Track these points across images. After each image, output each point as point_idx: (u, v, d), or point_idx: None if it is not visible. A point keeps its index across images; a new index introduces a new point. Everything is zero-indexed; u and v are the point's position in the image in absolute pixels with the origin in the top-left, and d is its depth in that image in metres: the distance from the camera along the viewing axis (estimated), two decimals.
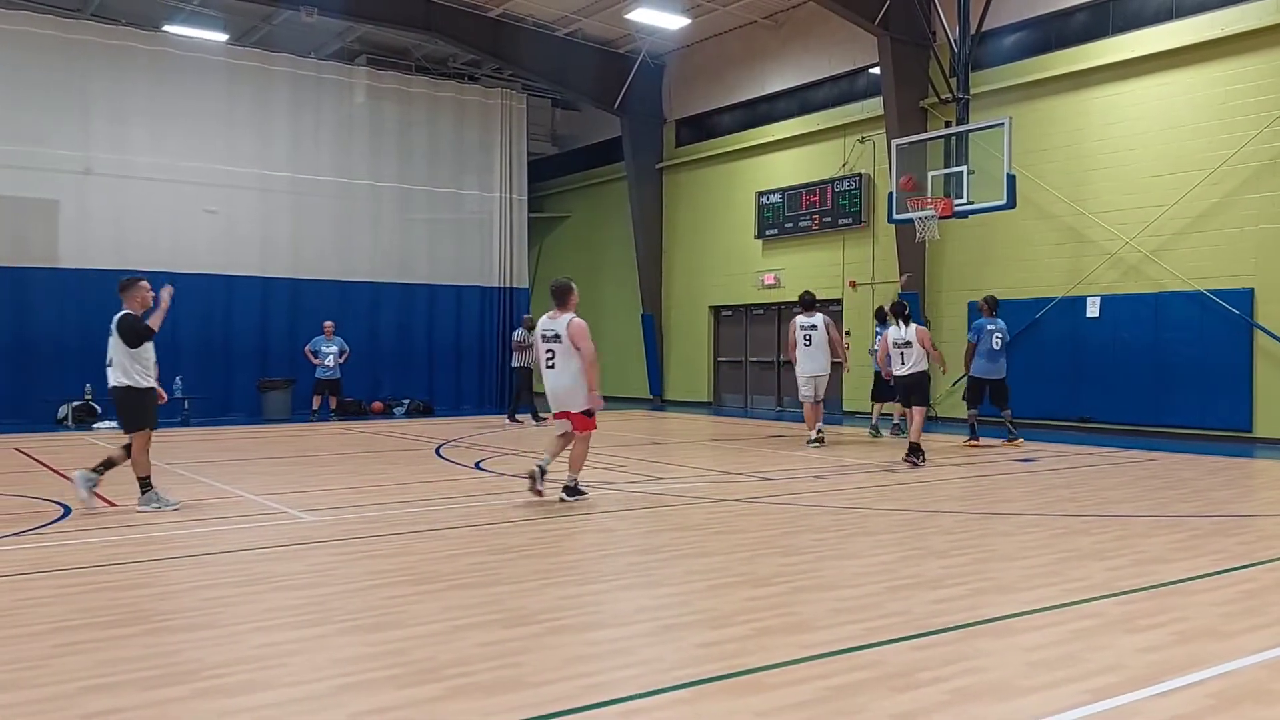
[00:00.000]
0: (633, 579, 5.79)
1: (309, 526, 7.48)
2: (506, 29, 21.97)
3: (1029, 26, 17.32)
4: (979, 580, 5.65)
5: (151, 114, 19.10)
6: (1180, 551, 6.48)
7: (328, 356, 18.85)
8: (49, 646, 4.35)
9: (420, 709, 3.62)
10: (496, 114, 23.35)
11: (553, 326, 8.59)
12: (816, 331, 13.75)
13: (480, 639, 4.46)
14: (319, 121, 21.09)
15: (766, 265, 22.08)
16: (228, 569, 6.02)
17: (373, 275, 21.58)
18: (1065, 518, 7.84)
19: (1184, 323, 15.02)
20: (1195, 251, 14.99)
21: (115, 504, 8.38)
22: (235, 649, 4.34)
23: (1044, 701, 3.69)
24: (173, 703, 3.68)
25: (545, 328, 8.65)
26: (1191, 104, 15.06)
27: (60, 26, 18.51)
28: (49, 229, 18.18)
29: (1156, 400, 15.36)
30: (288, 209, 20.62)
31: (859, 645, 4.36)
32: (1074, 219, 16.44)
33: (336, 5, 19.84)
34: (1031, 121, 16.72)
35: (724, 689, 3.84)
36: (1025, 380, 16.85)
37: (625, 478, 10.33)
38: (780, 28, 21.43)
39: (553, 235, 28.83)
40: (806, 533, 7.19)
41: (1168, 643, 4.44)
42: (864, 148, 19.83)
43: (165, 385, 18.48)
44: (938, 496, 9.20)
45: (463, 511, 8.10)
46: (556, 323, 8.58)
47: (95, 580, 5.66)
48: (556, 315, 8.64)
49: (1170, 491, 9.32)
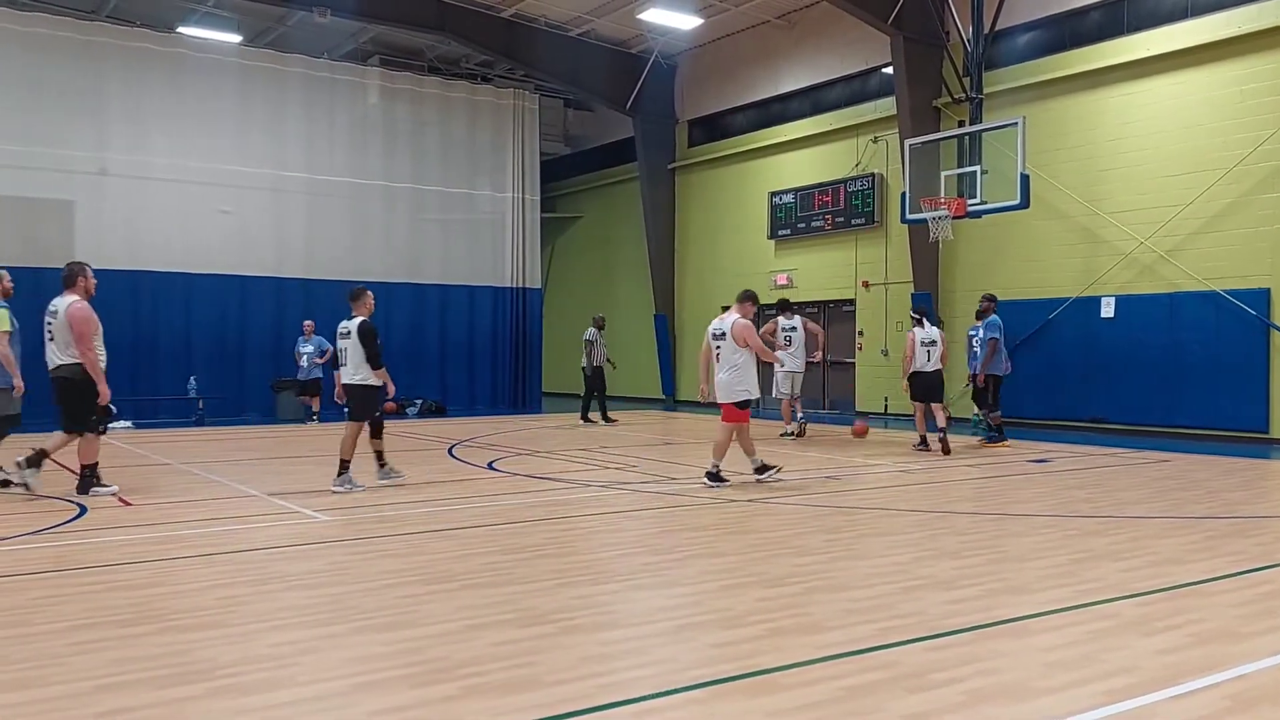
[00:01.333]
0: (646, 579, 5.79)
1: (323, 526, 7.50)
2: (519, 29, 22.00)
3: (1043, 26, 17.25)
4: (993, 581, 5.63)
5: (166, 115, 19.20)
6: (1196, 553, 6.44)
7: (303, 357, 18.51)
8: (64, 645, 4.37)
9: (434, 708, 3.62)
10: (509, 114, 23.38)
11: (720, 326, 9.82)
12: (797, 332, 14.95)
13: (494, 638, 4.46)
14: (332, 122, 21.16)
15: (779, 265, 22.05)
16: (242, 568, 6.04)
17: (385, 275, 21.61)
18: (1080, 519, 7.80)
19: (1199, 323, 14.94)
20: (1211, 251, 14.90)
21: (130, 503, 8.42)
22: (249, 648, 4.35)
23: (1060, 703, 3.68)
24: (187, 701, 3.69)
25: (714, 328, 9.86)
26: (1207, 103, 14.97)
27: (76, 29, 18.61)
28: (65, 229, 18.27)
29: (1171, 401, 15.27)
30: (301, 209, 20.69)
31: (873, 646, 4.35)
32: (1088, 219, 16.37)
33: (350, 6, 19.90)
34: (1045, 121, 16.65)
35: (738, 689, 3.83)
36: (1038, 380, 16.82)
37: (638, 478, 10.33)
38: (793, 27, 21.40)
39: (565, 235, 28.85)
40: (819, 533, 7.18)
41: (1184, 644, 4.41)
42: (877, 147, 19.78)
43: (179, 386, 18.72)
44: (951, 497, 9.17)
45: (476, 511, 8.12)
46: (724, 323, 9.79)
47: (110, 579, 5.69)
48: (724, 317, 9.89)
49: (1185, 493, 9.27)
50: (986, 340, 13.67)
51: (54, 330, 8.82)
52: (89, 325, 8.67)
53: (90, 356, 8.61)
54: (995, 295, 14.57)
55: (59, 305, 8.91)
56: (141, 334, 18.70)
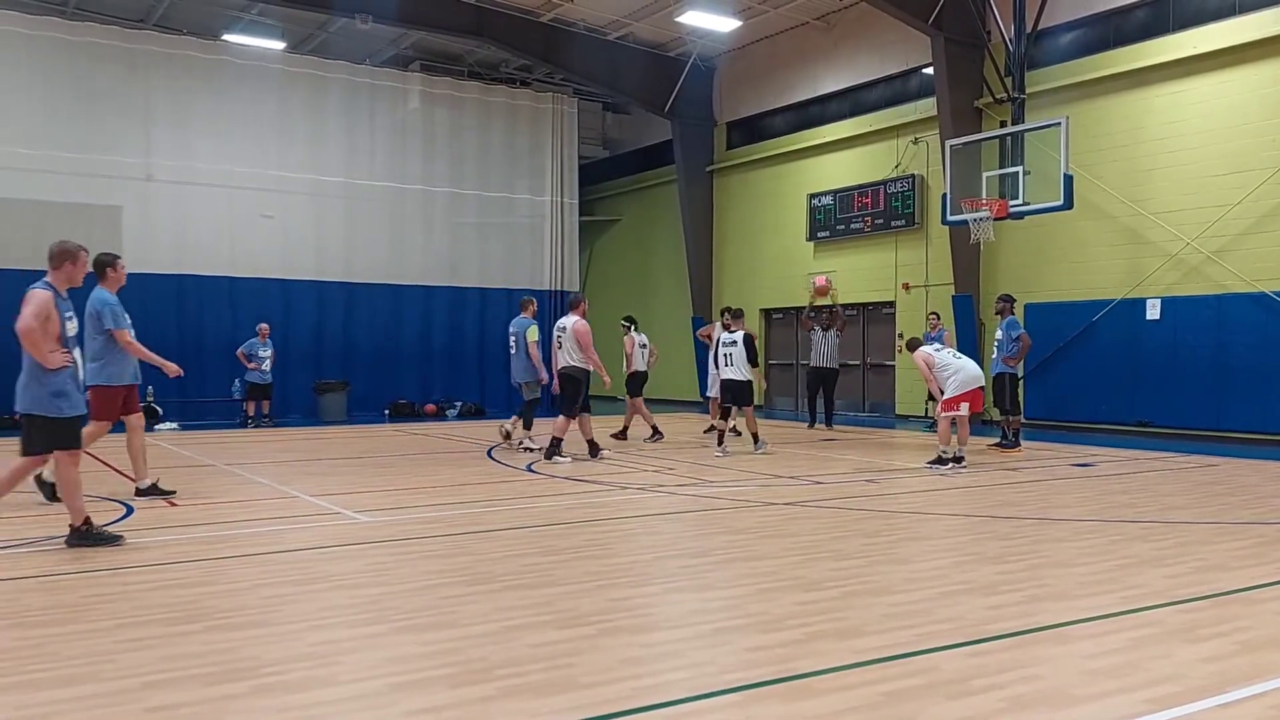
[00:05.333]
0: (684, 582, 5.80)
1: (365, 527, 7.59)
2: (558, 34, 22.10)
3: (1086, 24, 17.04)
4: (1034, 586, 5.58)
5: (210, 121, 19.53)
6: (1243, 559, 6.33)
7: (264, 361, 17.90)
8: (114, 642, 4.46)
9: (473, 708, 3.66)
10: (548, 118, 23.50)
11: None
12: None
13: (533, 640, 4.49)
14: (373, 127, 21.39)
15: (818, 268, 21.93)
16: (286, 568, 6.13)
17: (424, 279, 21.83)
18: (1123, 524, 7.70)
19: (1247, 325, 14.67)
20: (1259, 252, 14.64)
21: (175, 504, 8.57)
22: (293, 647, 4.41)
23: (1102, 710, 3.64)
24: (232, 699, 3.75)
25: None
26: (1255, 101, 14.71)
27: (124, 37, 19.00)
28: (113, 235, 18.59)
29: (1219, 404, 15.02)
30: (341, 214, 20.94)
31: (912, 651, 4.33)
32: (1133, 220, 16.14)
33: (391, 13, 20.11)
34: (1089, 121, 16.45)
35: (775, 693, 3.83)
36: (1082, 384, 16.62)
37: (676, 480, 10.33)
38: (832, 29, 21.31)
39: (604, 238, 28.93)
40: (858, 537, 7.15)
41: (1230, 652, 4.35)
42: (917, 149, 19.64)
43: (224, 389, 18.98)
44: (991, 501, 9.08)
45: (515, 513, 8.17)
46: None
47: (158, 578, 5.79)
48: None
49: (1233, 498, 9.12)
50: (1009, 341, 13.42)
51: (563, 340, 12.13)
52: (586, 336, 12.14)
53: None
54: (1012, 295, 14.30)
55: (567, 323, 12.13)
56: (187, 337, 19.01)
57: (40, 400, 6.48)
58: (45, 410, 6.49)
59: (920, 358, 11.59)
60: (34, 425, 6.56)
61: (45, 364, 6.41)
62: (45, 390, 6.46)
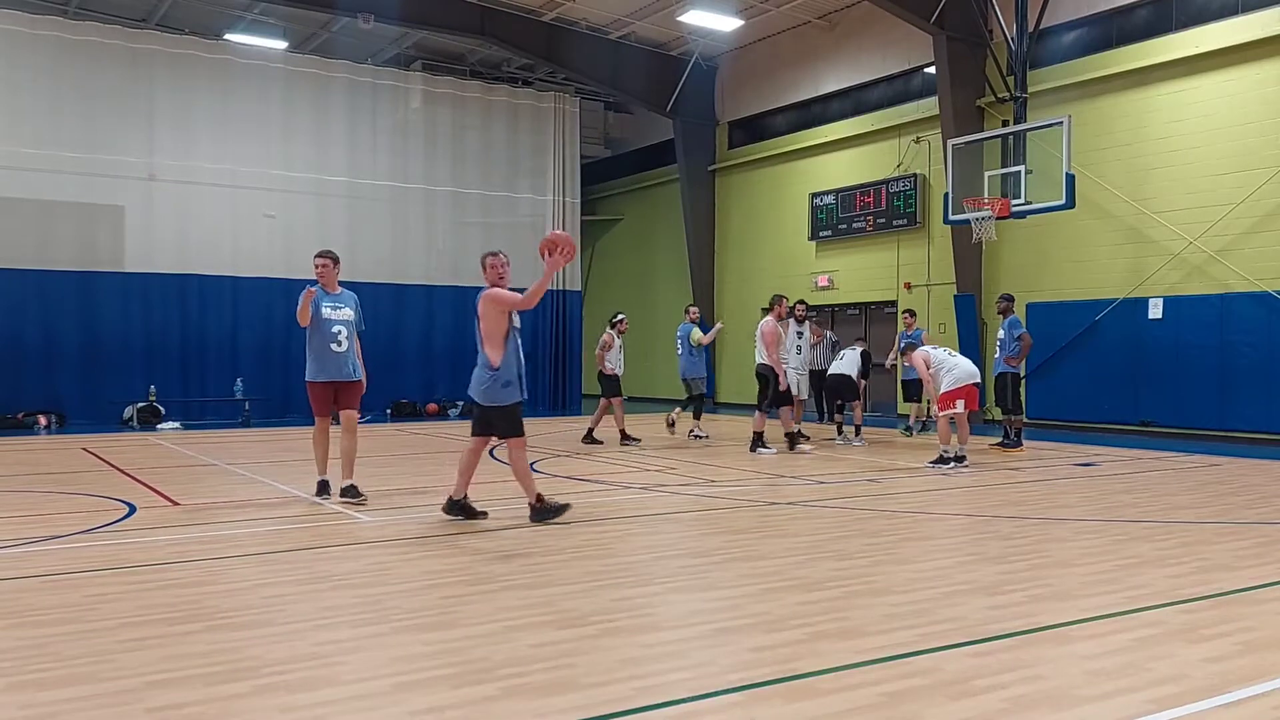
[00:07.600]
0: (685, 582, 5.80)
1: (366, 527, 7.59)
2: (560, 33, 22.10)
3: (1089, 23, 17.03)
4: (1037, 586, 5.57)
5: (213, 121, 19.53)
6: (1246, 559, 6.33)
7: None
8: (115, 642, 4.46)
9: (475, 708, 3.66)
10: (549, 117, 23.50)
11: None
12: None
13: (534, 640, 4.49)
14: (375, 126, 21.39)
15: (820, 267, 21.95)
16: (287, 568, 6.13)
17: (427, 278, 21.83)
18: (1126, 524, 7.69)
19: (1250, 324, 14.66)
20: (1262, 251, 14.63)
21: (179, 503, 8.57)
22: (295, 646, 4.41)
23: (1104, 710, 3.63)
24: (235, 699, 3.75)
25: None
26: (1258, 100, 14.70)
27: (126, 37, 19.00)
28: (116, 234, 18.66)
29: (1222, 404, 15.01)
30: (343, 213, 20.94)
31: (914, 651, 4.32)
32: (1135, 219, 16.13)
33: (393, 12, 20.12)
34: (1091, 120, 16.44)
35: (777, 693, 3.82)
36: (1085, 383, 16.60)
37: (677, 480, 10.33)
38: (834, 28, 21.30)
39: (606, 238, 28.92)
40: (859, 537, 7.14)
41: (1232, 652, 4.34)
42: (919, 148, 19.64)
43: (226, 388, 18.96)
44: (993, 501, 9.07)
45: (517, 513, 8.16)
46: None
47: (160, 578, 5.79)
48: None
49: (1236, 497, 9.10)
50: (1010, 340, 13.42)
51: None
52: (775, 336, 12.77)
53: None
54: (1013, 295, 14.30)
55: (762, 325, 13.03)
56: (189, 336, 19.03)
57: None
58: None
59: (920, 357, 11.62)
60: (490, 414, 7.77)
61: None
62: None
